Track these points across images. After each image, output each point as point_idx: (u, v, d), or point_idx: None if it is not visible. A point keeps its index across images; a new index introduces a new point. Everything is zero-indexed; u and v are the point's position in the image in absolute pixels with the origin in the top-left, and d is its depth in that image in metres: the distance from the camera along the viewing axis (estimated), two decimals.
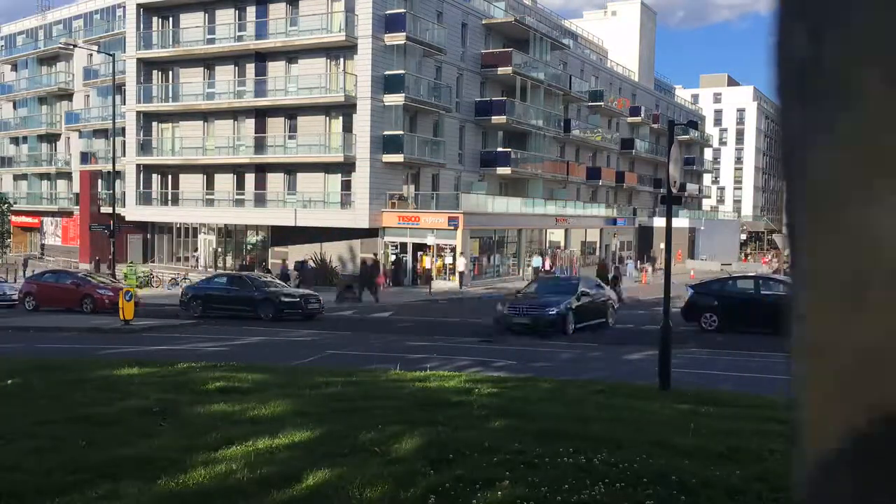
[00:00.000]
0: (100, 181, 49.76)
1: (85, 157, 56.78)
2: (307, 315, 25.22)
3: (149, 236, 47.23)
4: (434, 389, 10.61)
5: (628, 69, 71.84)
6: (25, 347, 17.29)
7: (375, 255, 37.24)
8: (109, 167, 38.85)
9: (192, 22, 43.84)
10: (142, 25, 45.03)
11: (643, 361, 15.47)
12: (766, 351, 17.03)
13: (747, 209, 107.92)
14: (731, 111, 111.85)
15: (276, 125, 41.73)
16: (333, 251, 40.14)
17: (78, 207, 51.57)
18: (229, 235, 45.59)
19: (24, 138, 63.25)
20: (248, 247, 45.04)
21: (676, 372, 12.08)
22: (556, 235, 50.12)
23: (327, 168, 39.99)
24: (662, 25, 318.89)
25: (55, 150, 61.34)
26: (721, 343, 19.17)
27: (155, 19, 45.25)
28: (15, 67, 64.32)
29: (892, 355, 0.58)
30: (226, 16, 42.78)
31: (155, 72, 45.63)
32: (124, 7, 47.21)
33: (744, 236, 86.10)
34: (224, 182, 43.86)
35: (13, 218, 57.73)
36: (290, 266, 38.30)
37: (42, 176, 62.35)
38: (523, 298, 22.31)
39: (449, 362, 15.13)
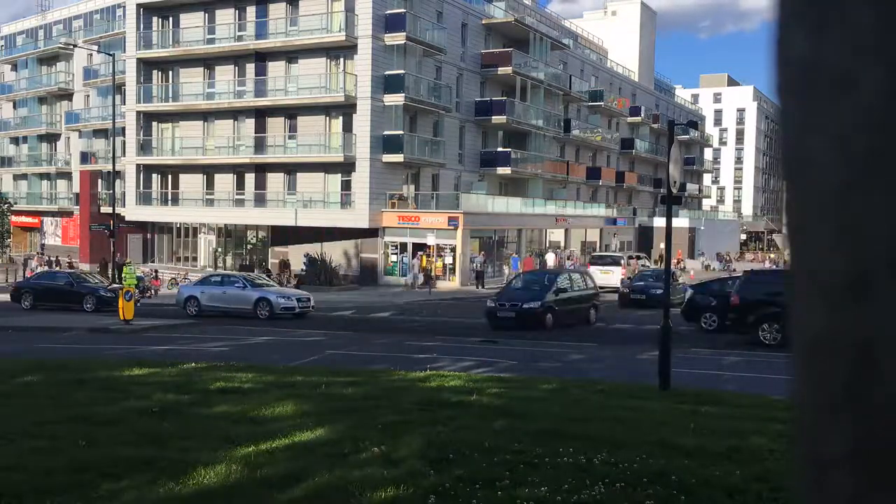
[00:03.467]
0: (100, 181, 49.73)
1: (85, 157, 56.77)
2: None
3: (149, 236, 47.21)
4: (435, 389, 10.61)
5: (628, 69, 71.84)
6: (25, 347, 17.29)
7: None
8: (109, 167, 38.82)
9: (192, 22, 43.83)
10: (142, 25, 45.00)
11: (644, 361, 15.47)
12: (767, 351, 17.04)
13: (747, 209, 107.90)
14: (731, 111, 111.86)
15: (276, 125, 41.72)
16: (333, 251, 40.13)
17: (78, 207, 51.55)
18: (229, 235, 45.58)
19: (24, 138, 63.25)
20: (248, 246, 45.02)
21: (677, 372, 12.09)
22: (556, 235, 50.12)
23: (327, 168, 39.98)
24: (687, 32, 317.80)
25: (55, 150, 61.34)
26: (721, 343, 19.16)
27: (155, 19, 45.24)
28: (15, 67, 64.30)
29: (890, 353, 0.58)
30: (226, 16, 42.76)
31: (155, 72, 45.62)
32: (124, 7, 47.18)
33: (744, 236, 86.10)
34: (224, 182, 43.84)
35: (13, 218, 57.70)
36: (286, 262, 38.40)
37: (42, 176, 62.34)
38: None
39: (450, 362, 15.13)
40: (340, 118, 39.68)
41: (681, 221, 57.11)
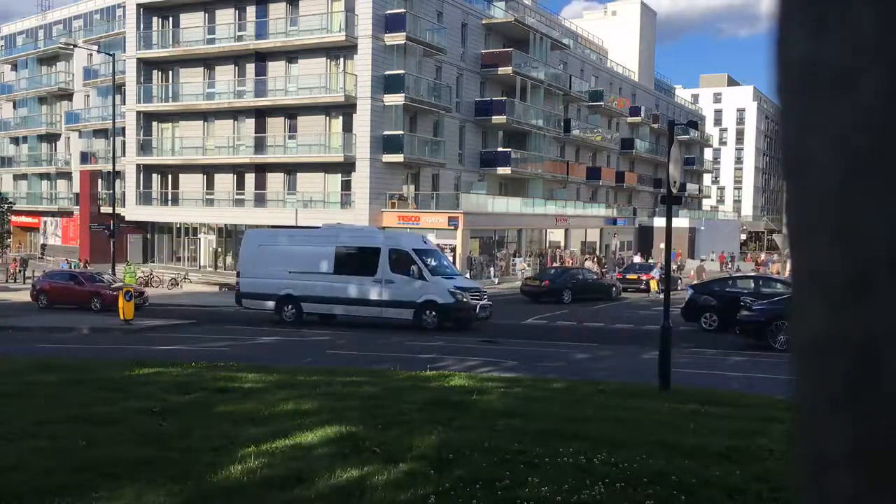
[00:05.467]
0: (100, 181, 49.75)
1: (85, 157, 56.76)
2: None
3: (149, 236, 47.21)
4: (435, 389, 10.61)
5: (628, 69, 71.83)
6: (26, 347, 17.28)
7: None
8: (109, 167, 38.84)
9: (192, 22, 43.84)
10: (142, 25, 45.02)
11: (646, 361, 15.47)
12: (768, 351, 17.04)
13: (747, 209, 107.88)
14: (731, 111, 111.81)
15: (276, 125, 41.72)
16: None
17: (78, 207, 51.55)
18: (229, 235, 45.58)
19: (24, 138, 63.23)
20: None
21: (679, 372, 12.09)
22: (556, 235, 50.11)
23: (327, 168, 39.99)
24: (704, 35, 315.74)
25: (55, 150, 61.32)
26: (722, 343, 19.17)
27: (155, 19, 45.25)
28: (15, 67, 64.30)
29: (891, 353, 0.58)
30: (226, 16, 42.77)
31: (155, 72, 45.63)
32: (124, 7, 47.20)
33: (744, 236, 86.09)
34: (224, 182, 43.85)
35: (13, 218, 57.68)
36: None
37: (42, 176, 62.35)
38: None
39: (452, 362, 15.13)
40: (340, 118, 39.69)
41: (681, 221, 57.12)
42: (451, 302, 21.73)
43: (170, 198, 46.16)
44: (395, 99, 38.55)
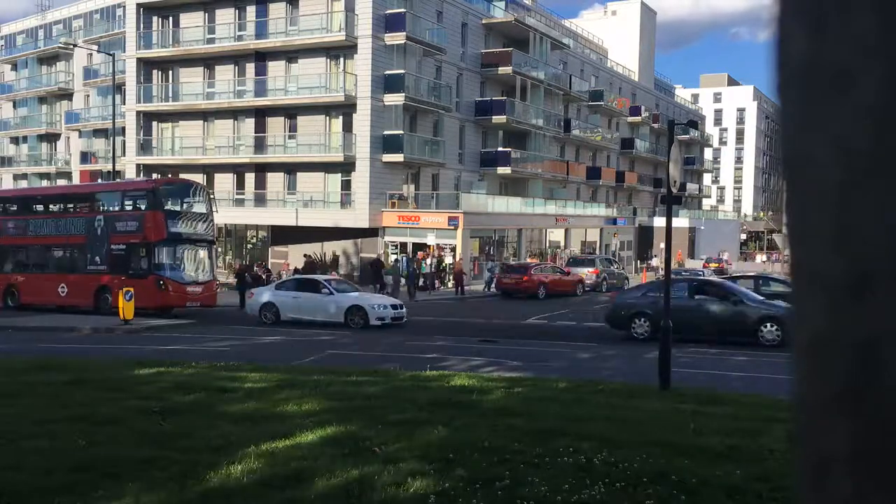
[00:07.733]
0: (100, 181, 49.77)
1: (85, 157, 56.80)
2: None
3: None
4: (435, 389, 10.61)
5: (628, 69, 71.83)
6: (26, 347, 17.28)
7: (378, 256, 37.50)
8: (109, 167, 38.88)
9: (192, 21, 43.83)
10: (142, 25, 45.01)
11: (648, 360, 15.46)
12: (769, 351, 17.04)
13: (747, 209, 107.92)
14: (732, 111, 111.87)
15: (276, 125, 41.72)
16: (334, 251, 40.14)
17: None
18: (229, 235, 45.58)
19: (24, 138, 63.25)
20: (248, 246, 45.01)
21: (679, 372, 12.09)
22: (556, 235, 50.13)
23: (327, 168, 39.99)
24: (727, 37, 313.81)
25: (55, 149, 61.35)
26: (723, 343, 19.14)
27: (155, 19, 45.24)
28: (15, 67, 64.32)
29: (891, 353, 0.58)
30: (226, 15, 42.76)
31: (155, 71, 45.62)
32: (124, 7, 47.19)
33: (744, 236, 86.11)
34: (224, 182, 43.83)
35: None
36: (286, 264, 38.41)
37: (42, 176, 62.34)
38: None
39: (454, 363, 15.12)
40: (340, 118, 39.69)
41: (681, 221, 57.14)
42: None
43: None
44: (395, 99, 38.55)
